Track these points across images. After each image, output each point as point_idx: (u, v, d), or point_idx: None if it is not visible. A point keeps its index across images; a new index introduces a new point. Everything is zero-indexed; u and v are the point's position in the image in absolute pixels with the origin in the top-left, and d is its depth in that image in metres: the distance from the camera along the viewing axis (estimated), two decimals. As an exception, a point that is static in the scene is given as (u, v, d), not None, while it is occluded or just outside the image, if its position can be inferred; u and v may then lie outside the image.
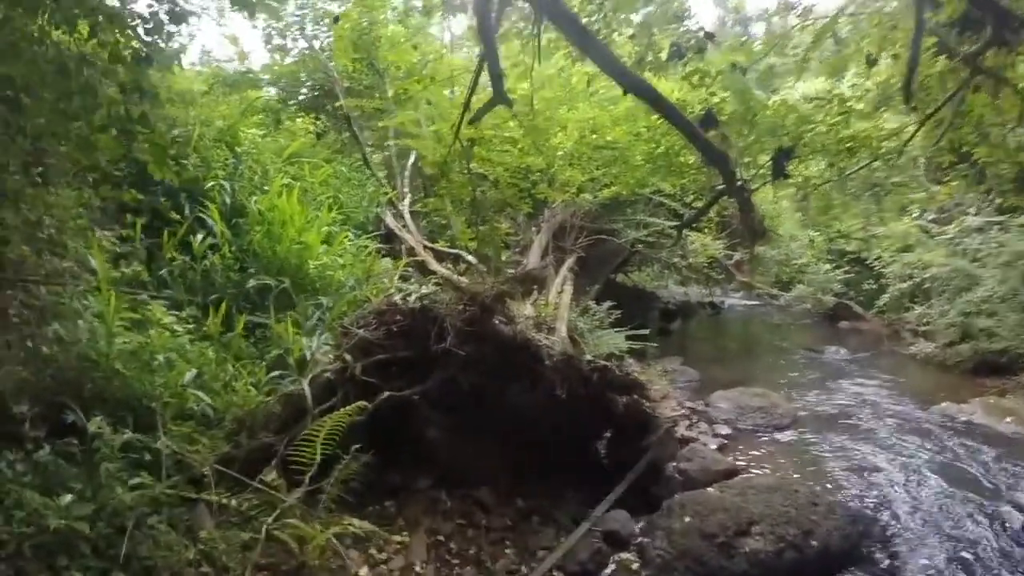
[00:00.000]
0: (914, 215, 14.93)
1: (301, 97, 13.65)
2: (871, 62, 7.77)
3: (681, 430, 8.41)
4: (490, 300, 5.83)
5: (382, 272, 8.58)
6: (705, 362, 12.82)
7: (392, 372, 5.60)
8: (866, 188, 15.02)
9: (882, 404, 10.09)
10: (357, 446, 4.63)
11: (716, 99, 8.51)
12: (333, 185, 10.01)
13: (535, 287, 8.74)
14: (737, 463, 7.57)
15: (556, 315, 8.27)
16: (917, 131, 7.96)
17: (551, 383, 5.84)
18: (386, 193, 11.14)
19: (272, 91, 13.54)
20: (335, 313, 6.88)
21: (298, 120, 11.86)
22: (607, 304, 10.11)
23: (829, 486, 7.02)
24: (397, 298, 6.05)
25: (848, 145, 8.96)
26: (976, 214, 13.76)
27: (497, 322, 5.93)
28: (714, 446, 8.06)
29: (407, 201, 11.09)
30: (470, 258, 9.83)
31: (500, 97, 6.15)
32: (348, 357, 5.54)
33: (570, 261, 10.46)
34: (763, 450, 8.16)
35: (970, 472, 7.50)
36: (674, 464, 7.09)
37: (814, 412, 9.65)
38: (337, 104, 12.16)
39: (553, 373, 5.92)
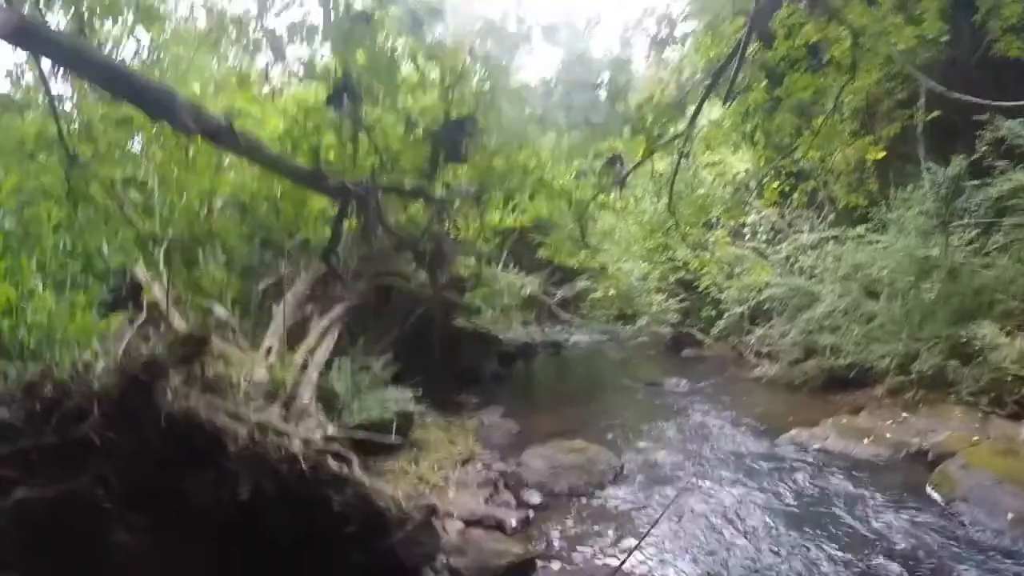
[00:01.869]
0: (747, 237, 14.03)
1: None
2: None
3: (475, 505, 6.37)
4: (142, 369, 4.26)
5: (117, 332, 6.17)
6: (530, 410, 11.15)
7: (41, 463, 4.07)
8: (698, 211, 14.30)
9: (724, 440, 8.61)
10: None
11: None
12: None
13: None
14: (535, 547, 5.66)
15: (302, 378, 6.18)
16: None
17: (236, 477, 4.35)
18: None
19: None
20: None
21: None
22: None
23: (653, 561, 5.21)
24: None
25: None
26: (809, 231, 12.83)
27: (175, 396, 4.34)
28: (514, 522, 6.08)
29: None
30: (219, 311, 7.60)
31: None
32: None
33: (338, 310, 8.32)
34: (576, 521, 6.34)
35: (832, 517, 6.02)
36: (444, 560, 5.01)
37: (646, 460, 7.98)
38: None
39: (239, 464, 4.40)
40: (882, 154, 10.74)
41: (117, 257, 7.03)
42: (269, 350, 6.61)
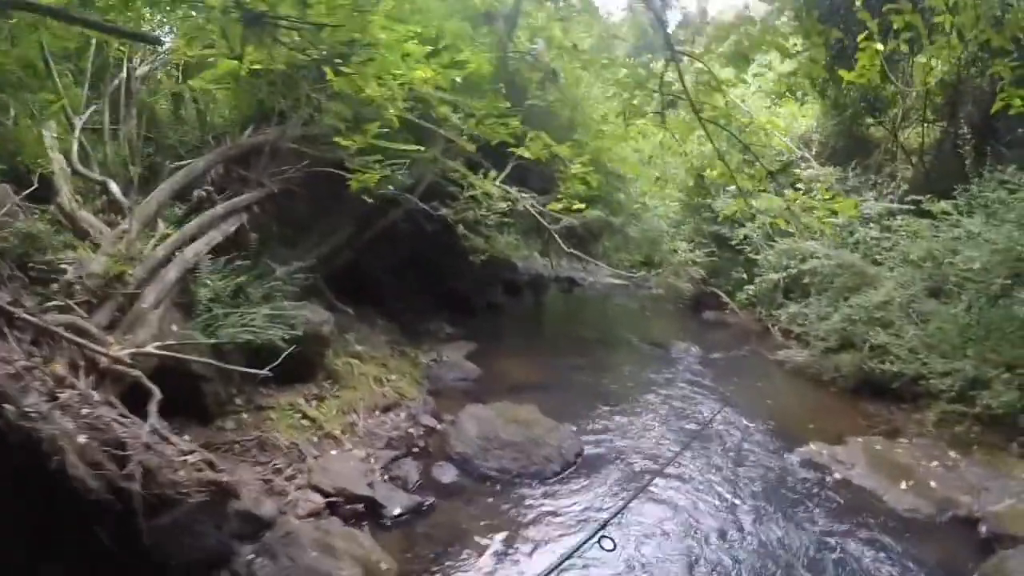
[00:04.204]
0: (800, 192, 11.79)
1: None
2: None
3: (356, 476, 4.71)
4: None
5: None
6: (507, 352, 9.60)
7: None
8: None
9: (723, 439, 6.76)
10: None
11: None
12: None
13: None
14: (400, 562, 3.92)
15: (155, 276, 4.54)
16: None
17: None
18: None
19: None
20: None
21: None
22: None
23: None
24: None
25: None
26: (876, 199, 10.60)
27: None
28: (397, 510, 4.42)
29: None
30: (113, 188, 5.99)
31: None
32: None
33: (245, 197, 6.44)
34: (482, 527, 4.57)
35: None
36: (243, 560, 3.35)
37: (611, 450, 6.23)
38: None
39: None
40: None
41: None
42: (123, 235, 4.87)
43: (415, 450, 5.68)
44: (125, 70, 7.37)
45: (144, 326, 4.40)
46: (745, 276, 13.13)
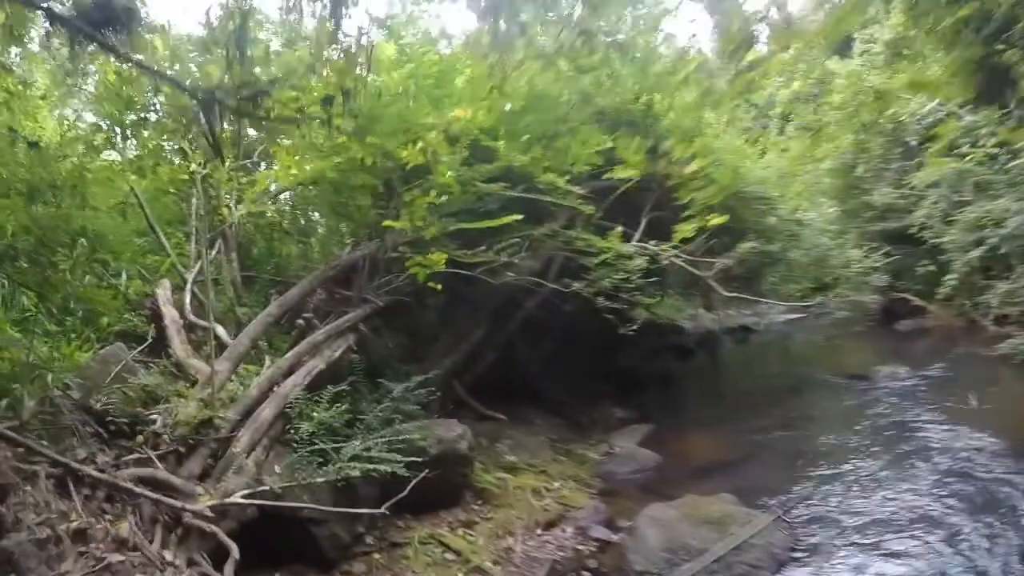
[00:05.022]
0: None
1: None
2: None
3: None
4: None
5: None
6: (688, 428, 8.44)
7: None
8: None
9: (976, 488, 5.36)
10: None
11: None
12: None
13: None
14: None
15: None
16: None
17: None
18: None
19: None
20: None
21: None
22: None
23: None
24: None
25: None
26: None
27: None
28: None
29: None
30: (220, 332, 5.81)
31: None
32: None
33: (346, 318, 6.10)
34: None
35: None
36: None
37: (831, 527, 5.04)
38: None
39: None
40: None
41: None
42: (210, 377, 4.59)
43: (586, 574, 4.84)
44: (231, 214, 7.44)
45: (238, 472, 4.07)
46: (933, 268, 11.60)
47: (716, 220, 7.14)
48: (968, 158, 10.01)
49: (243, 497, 3.78)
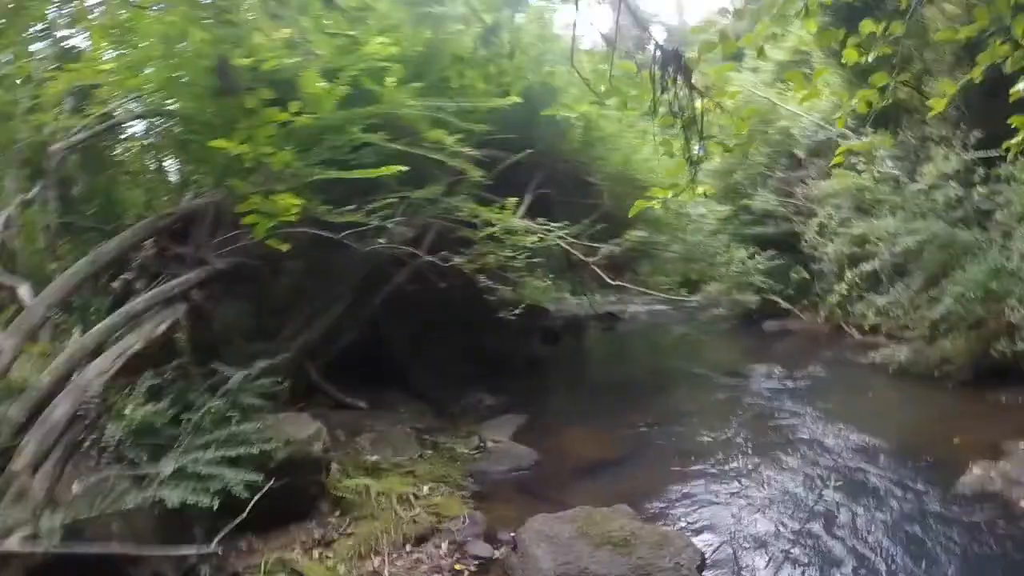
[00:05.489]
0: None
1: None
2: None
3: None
4: None
5: None
6: (563, 420, 7.92)
7: None
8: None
9: (868, 489, 5.26)
10: None
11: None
12: None
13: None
14: None
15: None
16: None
17: None
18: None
19: None
20: None
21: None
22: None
23: None
24: None
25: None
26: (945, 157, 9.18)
27: None
28: None
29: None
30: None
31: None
32: None
33: (174, 283, 4.88)
34: None
35: None
36: None
37: (738, 535, 4.64)
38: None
39: None
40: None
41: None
42: None
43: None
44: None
45: (19, 500, 2.98)
46: (807, 275, 11.83)
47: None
48: (863, 174, 10.16)
49: (23, 541, 2.76)
